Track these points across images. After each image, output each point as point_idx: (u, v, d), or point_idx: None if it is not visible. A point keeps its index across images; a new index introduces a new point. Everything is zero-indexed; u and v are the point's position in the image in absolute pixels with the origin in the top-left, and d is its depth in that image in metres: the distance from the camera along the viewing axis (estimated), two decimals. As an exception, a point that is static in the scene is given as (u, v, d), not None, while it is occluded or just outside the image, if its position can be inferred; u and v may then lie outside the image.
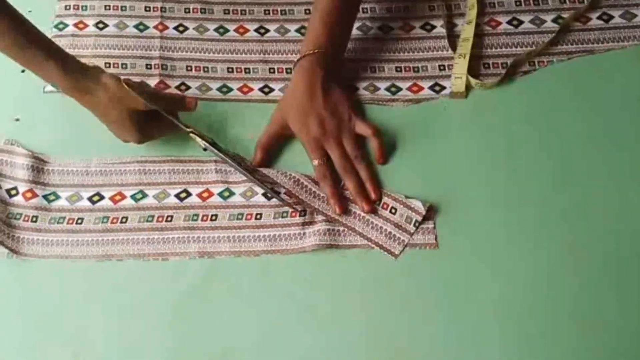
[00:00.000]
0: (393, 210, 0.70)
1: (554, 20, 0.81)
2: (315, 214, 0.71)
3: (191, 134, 0.72)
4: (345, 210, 0.70)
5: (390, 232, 0.70)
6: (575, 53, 0.79)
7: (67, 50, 0.71)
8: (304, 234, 0.70)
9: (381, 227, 0.70)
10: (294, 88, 0.74)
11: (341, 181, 0.72)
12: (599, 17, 0.81)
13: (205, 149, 0.72)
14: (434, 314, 0.67)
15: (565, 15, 0.81)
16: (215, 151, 0.72)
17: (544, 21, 0.81)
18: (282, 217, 0.71)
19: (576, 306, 0.66)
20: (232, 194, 0.73)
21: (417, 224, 0.69)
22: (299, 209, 0.71)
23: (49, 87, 0.80)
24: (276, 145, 0.75)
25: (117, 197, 0.74)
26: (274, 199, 0.72)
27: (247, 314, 0.67)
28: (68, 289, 0.70)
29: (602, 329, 0.65)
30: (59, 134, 0.78)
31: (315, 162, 0.72)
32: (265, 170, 0.72)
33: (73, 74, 0.69)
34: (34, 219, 0.73)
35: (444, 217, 0.71)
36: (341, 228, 0.70)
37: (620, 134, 0.74)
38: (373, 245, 0.69)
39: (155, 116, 0.71)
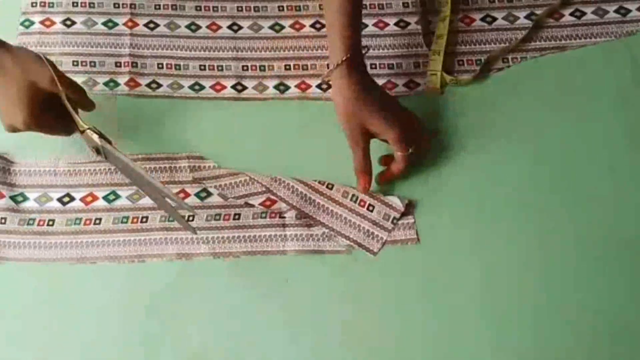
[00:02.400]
0: (371, 208, 0.70)
1: (527, 17, 0.81)
2: (295, 217, 0.70)
3: (88, 131, 0.66)
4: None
5: (368, 230, 0.69)
6: (548, 49, 0.80)
7: (34, 48, 0.70)
8: (285, 235, 0.70)
9: (359, 225, 0.69)
10: (351, 95, 0.67)
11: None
12: (572, 14, 0.81)
13: (98, 152, 0.67)
14: (416, 311, 0.67)
15: (539, 12, 0.81)
16: (114, 154, 0.65)
17: (517, 18, 0.81)
18: (261, 217, 0.71)
19: (560, 299, 0.66)
20: (209, 194, 0.72)
21: (395, 221, 0.69)
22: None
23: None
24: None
25: (89, 199, 0.73)
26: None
27: (222, 315, 0.67)
28: (39, 292, 0.68)
29: (585, 320, 0.66)
30: (25, 134, 0.75)
31: (410, 149, 0.69)
32: (259, 178, 0.71)
33: None
34: (3, 221, 0.71)
35: (424, 213, 0.71)
36: (322, 231, 0.70)
37: (593, 128, 0.74)
38: (354, 245, 0.69)
39: (53, 109, 0.66)
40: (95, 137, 0.65)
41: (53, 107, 0.66)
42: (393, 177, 0.72)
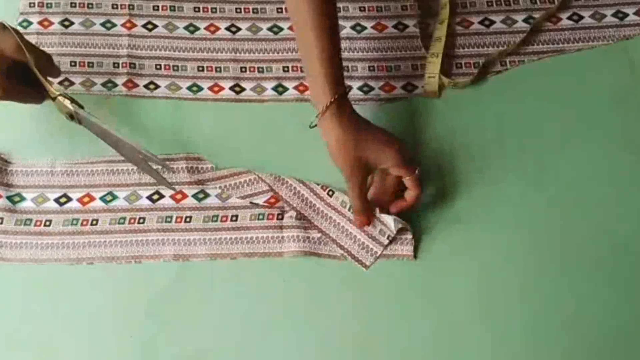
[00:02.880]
0: None
1: (525, 21, 0.81)
2: (295, 218, 0.70)
3: (60, 97, 0.66)
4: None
5: (363, 243, 0.69)
6: (546, 53, 0.80)
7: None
8: (283, 237, 0.70)
9: (355, 237, 0.69)
10: (342, 132, 0.65)
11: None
12: (569, 18, 0.82)
13: (72, 118, 0.66)
14: (414, 314, 0.67)
15: (536, 15, 0.81)
16: (88, 119, 0.65)
17: (515, 21, 0.82)
18: (259, 219, 0.71)
19: (561, 313, 0.67)
20: (207, 195, 0.72)
21: (390, 238, 0.69)
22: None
23: (13, 86, 0.77)
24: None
25: (86, 199, 0.72)
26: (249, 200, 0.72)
27: (219, 316, 0.67)
28: (36, 293, 0.68)
29: (586, 331, 0.66)
30: (23, 134, 0.76)
31: (417, 170, 0.67)
32: (264, 176, 0.72)
33: None
34: (0, 221, 0.71)
35: (424, 214, 0.71)
36: (318, 235, 0.70)
37: (590, 132, 0.75)
38: (347, 256, 0.69)
39: (22, 77, 0.66)
40: (67, 102, 0.65)
41: (22, 75, 0.66)
42: (410, 207, 0.69)
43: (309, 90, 0.74)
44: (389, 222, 0.68)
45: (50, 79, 0.69)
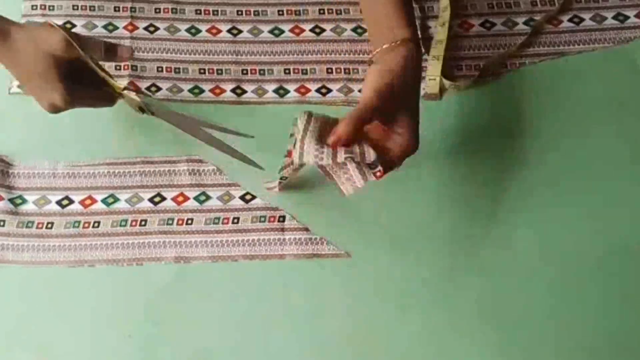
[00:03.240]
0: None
1: (526, 23, 0.82)
2: (296, 220, 0.71)
3: (125, 92, 0.63)
4: None
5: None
6: (546, 55, 0.80)
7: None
8: (284, 239, 0.70)
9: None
10: (404, 74, 0.58)
11: None
12: (570, 20, 0.82)
13: (143, 111, 0.63)
14: (416, 314, 0.67)
15: (537, 17, 0.82)
16: (159, 108, 0.63)
17: (516, 23, 0.82)
18: (260, 221, 0.71)
19: (561, 314, 0.67)
20: (208, 197, 0.72)
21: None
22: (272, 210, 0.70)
23: (14, 89, 0.77)
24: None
25: (88, 201, 0.72)
26: (252, 202, 0.72)
27: (220, 319, 0.67)
28: (37, 295, 0.68)
29: (586, 332, 0.66)
30: (25, 136, 0.76)
31: (398, 168, 0.59)
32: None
33: None
34: (2, 223, 0.71)
35: (423, 216, 0.71)
36: (320, 237, 0.70)
37: (591, 134, 0.75)
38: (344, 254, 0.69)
39: (86, 78, 0.63)
40: (133, 95, 0.62)
41: (85, 77, 0.62)
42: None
43: (376, 35, 0.64)
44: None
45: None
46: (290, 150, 0.59)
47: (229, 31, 0.82)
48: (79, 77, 0.62)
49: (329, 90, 0.78)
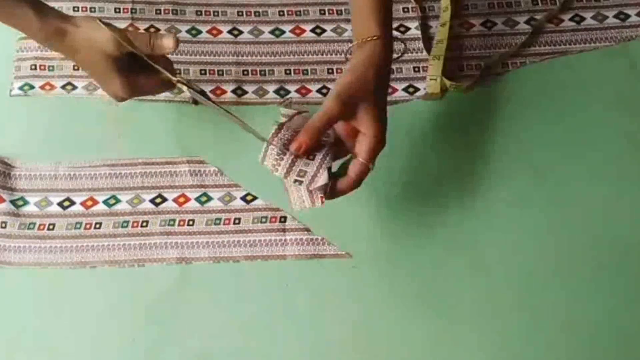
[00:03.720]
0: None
1: (527, 22, 0.82)
2: (297, 220, 0.71)
3: (179, 84, 0.63)
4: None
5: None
6: (547, 54, 0.80)
7: (34, 53, 0.69)
8: (285, 240, 0.70)
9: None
10: (379, 67, 0.59)
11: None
12: (571, 19, 0.82)
13: (195, 103, 0.64)
14: (417, 314, 0.67)
15: (538, 17, 0.81)
16: (211, 103, 0.62)
17: (517, 23, 0.82)
18: (262, 222, 0.71)
19: (560, 315, 0.67)
20: (209, 198, 0.72)
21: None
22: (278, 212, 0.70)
23: (16, 91, 0.78)
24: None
25: (89, 203, 0.73)
26: (253, 203, 0.72)
27: (222, 320, 0.67)
28: (39, 296, 0.68)
29: (585, 334, 0.67)
30: (26, 138, 0.76)
31: (371, 166, 0.58)
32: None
33: (50, 17, 0.62)
34: (3, 225, 0.71)
35: (422, 219, 0.71)
36: (321, 237, 0.70)
37: (593, 133, 0.75)
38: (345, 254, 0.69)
39: (143, 69, 0.64)
40: (184, 88, 0.63)
41: (143, 66, 0.63)
42: (341, 192, 0.59)
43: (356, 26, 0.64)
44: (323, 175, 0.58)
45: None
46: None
47: (229, 32, 0.82)
48: (137, 67, 0.63)
49: (328, 90, 0.78)
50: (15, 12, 0.61)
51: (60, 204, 0.73)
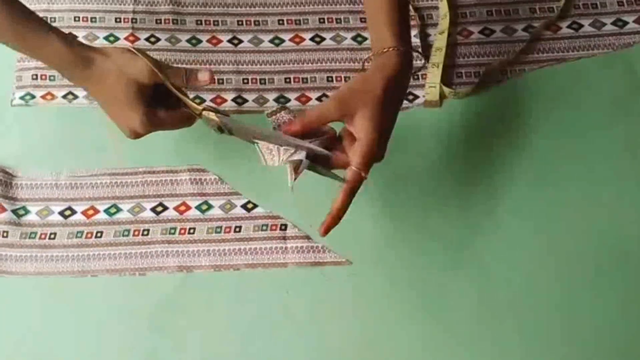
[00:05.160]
0: None
1: (525, 30, 0.82)
2: (297, 228, 0.71)
3: (204, 112, 0.61)
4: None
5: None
6: (546, 61, 0.80)
7: (34, 70, 0.69)
8: (286, 248, 0.70)
9: None
10: (374, 81, 0.58)
11: None
12: (569, 26, 0.82)
13: (222, 131, 0.61)
14: (416, 322, 0.67)
15: (536, 24, 0.82)
16: (242, 126, 0.60)
17: (515, 30, 0.82)
18: (262, 230, 0.71)
19: (560, 316, 0.67)
20: (210, 207, 0.72)
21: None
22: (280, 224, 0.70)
23: (17, 100, 0.78)
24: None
25: (90, 212, 0.73)
26: (253, 211, 0.72)
27: (223, 327, 0.67)
28: (40, 306, 0.69)
29: (584, 336, 0.66)
30: (27, 147, 0.76)
31: (366, 175, 0.58)
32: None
33: (76, 46, 0.61)
34: (5, 234, 0.71)
35: (421, 221, 0.71)
36: (322, 244, 0.70)
37: (591, 140, 0.75)
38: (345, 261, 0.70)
39: (163, 101, 0.63)
40: (212, 115, 0.61)
41: (162, 100, 0.63)
42: (338, 205, 0.58)
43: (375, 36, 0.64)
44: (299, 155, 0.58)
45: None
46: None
47: (229, 41, 0.83)
48: (158, 101, 0.62)
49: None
50: (43, 39, 0.60)
51: (61, 213, 0.73)
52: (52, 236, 0.71)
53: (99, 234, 0.72)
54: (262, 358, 0.66)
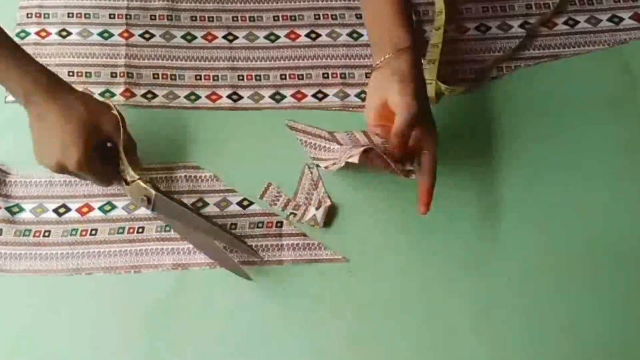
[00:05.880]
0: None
1: (521, 26, 0.82)
2: (293, 225, 0.71)
3: (139, 181, 0.66)
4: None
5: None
6: (542, 58, 0.80)
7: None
8: (282, 245, 0.70)
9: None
10: (415, 81, 0.63)
11: None
12: (565, 22, 0.82)
13: (149, 202, 0.66)
14: (413, 319, 0.67)
15: (532, 20, 0.82)
16: (165, 202, 0.66)
17: (511, 27, 0.82)
18: (258, 227, 0.71)
19: (560, 318, 0.67)
20: (205, 204, 0.72)
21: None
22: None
23: (10, 97, 0.77)
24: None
25: (85, 209, 0.72)
26: (249, 208, 0.72)
27: (219, 325, 0.67)
28: (35, 304, 0.68)
29: (584, 338, 0.66)
30: (21, 145, 0.75)
31: (412, 165, 0.67)
32: (339, 136, 0.73)
33: (54, 77, 0.65)
34: (-1, 232, 0.71)
35: (421, 221, 0.71)
36: (318, 242, 0.70)
37: (588, 136, 0.75)
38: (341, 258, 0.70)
39: (103, 155, 0.67)
40: (148, 186, 0.66)
41: (103, 154, 0.67)
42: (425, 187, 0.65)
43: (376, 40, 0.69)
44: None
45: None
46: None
47: (224, 37, 0.82)
48: (100, 151, 0.66)
49: (325, 95, 0.78)
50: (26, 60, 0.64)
51: (55, 211, 0.72)
52: (47, 234, 0.71)
53: (93, 232, 0.71)
54: (258, 355, 0.66)
